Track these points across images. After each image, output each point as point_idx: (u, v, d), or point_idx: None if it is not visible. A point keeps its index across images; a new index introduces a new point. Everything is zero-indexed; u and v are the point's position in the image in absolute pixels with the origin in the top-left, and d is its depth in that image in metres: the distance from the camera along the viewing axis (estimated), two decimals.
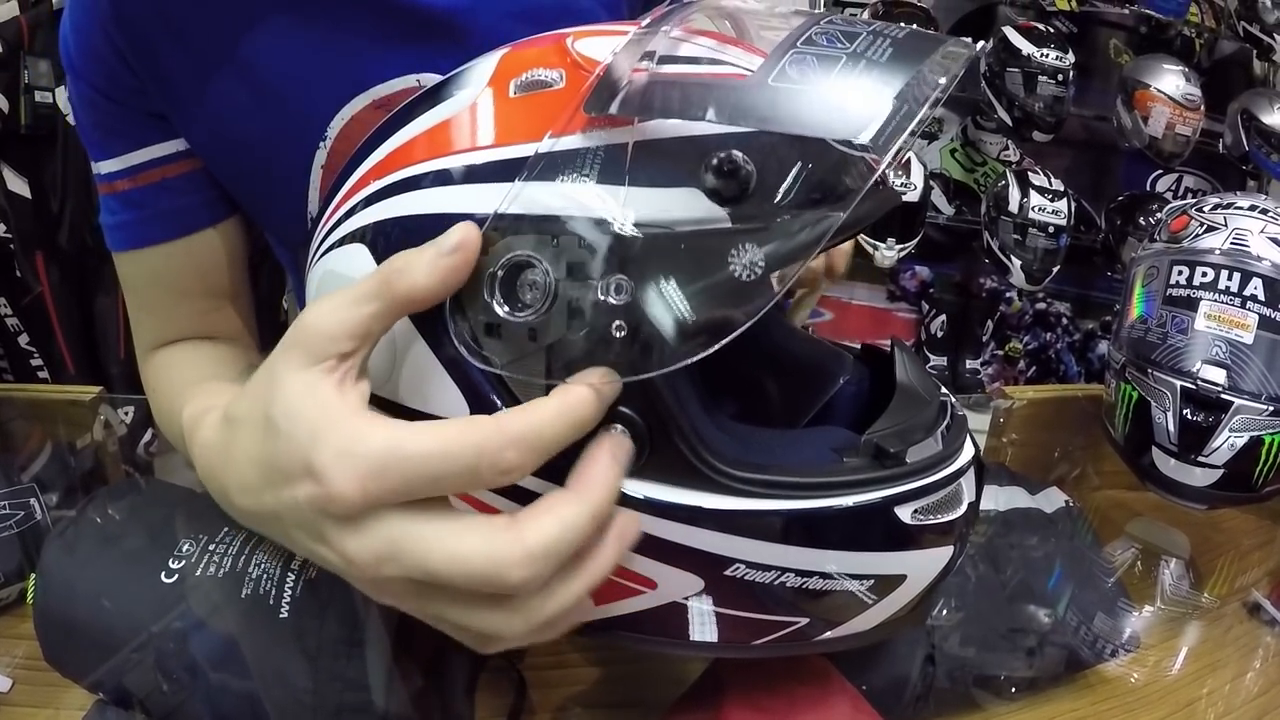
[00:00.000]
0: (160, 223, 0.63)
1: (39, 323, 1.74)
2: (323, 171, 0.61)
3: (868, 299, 2.47)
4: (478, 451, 0.33)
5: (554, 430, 0.35)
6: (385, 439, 0.34)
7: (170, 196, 0.63)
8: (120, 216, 0.64)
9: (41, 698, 0.59)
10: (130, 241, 0.64)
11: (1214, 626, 0.80)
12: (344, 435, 0.34)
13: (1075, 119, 2.19)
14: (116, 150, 0.62)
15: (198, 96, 0.59)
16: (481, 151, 0.39)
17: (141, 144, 0.62)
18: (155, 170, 0.62)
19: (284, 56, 0.58)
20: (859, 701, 0.52)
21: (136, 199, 0.63)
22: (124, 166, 0.62)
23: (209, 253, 0.66)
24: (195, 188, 0.63)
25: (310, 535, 0.36)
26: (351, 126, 0.59)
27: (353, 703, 0.49)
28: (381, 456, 0.33)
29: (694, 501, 0.39)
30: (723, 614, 0.42)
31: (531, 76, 0.39)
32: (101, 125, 0.62)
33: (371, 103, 0.59)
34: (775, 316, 0.56)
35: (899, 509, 0.41)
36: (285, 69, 0.58)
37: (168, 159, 0.62)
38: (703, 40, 0.40)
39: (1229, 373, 0.80)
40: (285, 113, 0.59)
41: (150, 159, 0.62)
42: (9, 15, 1.63)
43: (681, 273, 0.35)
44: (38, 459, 0.83)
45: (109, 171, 0.63)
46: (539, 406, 0.35)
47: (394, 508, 0.34)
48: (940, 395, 0.49)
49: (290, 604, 0.51)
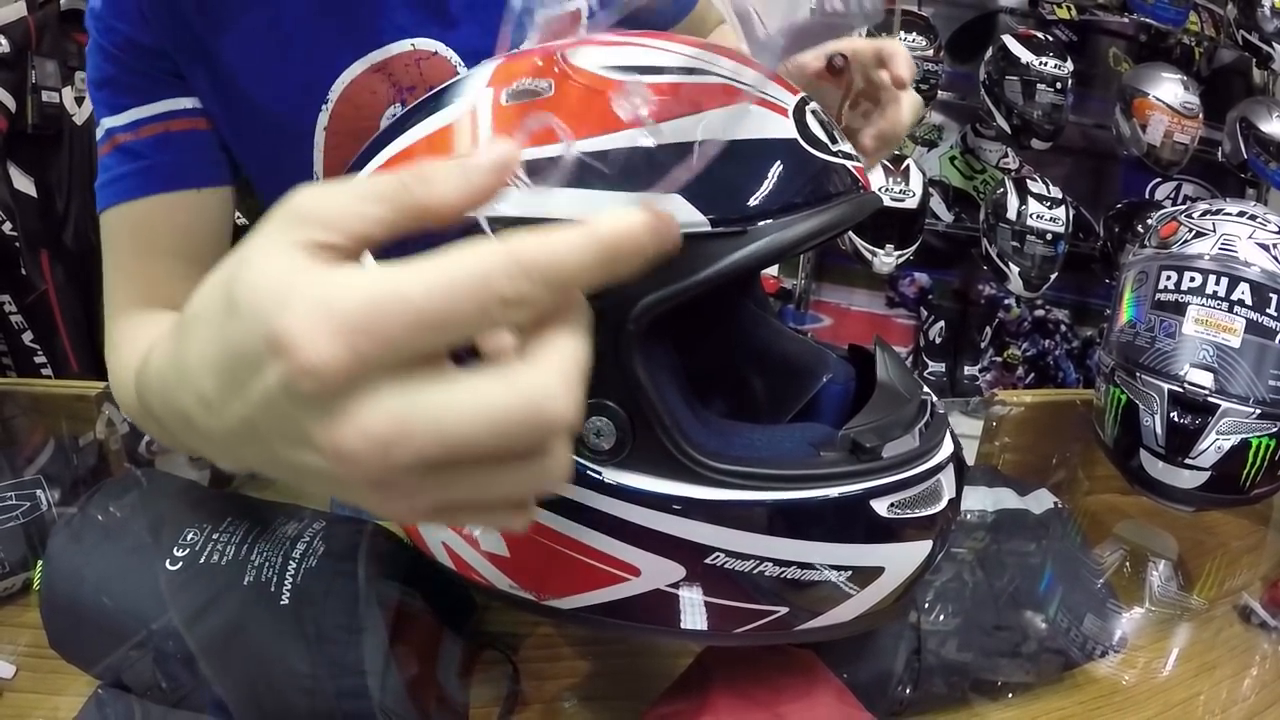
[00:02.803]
0: (155, 174, 0.64)
1: (43, 321, 1.75)
2: (325, 134, 0.63)
3: (866, 305, 2.47)
4: (484, 280, 0.26)
5: (577, 258, 0.27)
6: (369, 284, 0.26)
7: (170, 150, 0.64)
8: (115, 172, 0.64)
9: (45, 685, 0.60)
10: (121, 194, 0.64)
11: (1203, 628, 0.80)
12: (317, 289, 0.26)
13: (1074, 127, 2.19)
14: (124, 105, 0.63)
15: (212, 56, 0.61)
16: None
17: (151, 98, 0.63)
18: (159, 124, 0.63)
19: (290, 19, 0.61)
20: (843, 692, 0.53)
21: (135, 150, 0.63)
22: (128, 121, 0.63)
23: (195, 215, 0.66)
24: (196, 147, 0.64)
25: (290, 438, 0.28)
26: (352, 89, 0.62)
27: (350, 687, 0.50)
28: (367, 302, 0.26)
29: (675, 491, 0.40)
30: (705, 602, 0.43)
31: (523, 86, 0.41)
32: (115, 81, 0.63)
33: (370, 66, 0.62)
34: (761, 316, 0.57)
35: (875, 502, 0.43)
36: (291, 31, 0.61)
37: (174, 114, 0.63)
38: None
39: (1216, 376, 0.81)
40: (290, 74, 0.62)
41: (157, 113, 0.63)
42: (17, 15, 1.65)
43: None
44: (41, 454, 0.84)
45: (112, 127, 0.63)
46: (560, 233, 0.28)
47: (388, 375, 0.26)
48: (921, 394, 0.50)
49: (290, 591, 0.52)
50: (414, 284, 0.26)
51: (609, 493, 0.40)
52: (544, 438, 0.28)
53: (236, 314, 0.28)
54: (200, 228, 0.66)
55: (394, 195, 0.29)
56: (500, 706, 0.59)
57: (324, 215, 0.29)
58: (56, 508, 0.72)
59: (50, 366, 1.77)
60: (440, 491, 0.28)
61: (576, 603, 0.45)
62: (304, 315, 0.26)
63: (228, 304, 0.28)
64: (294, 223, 0.29)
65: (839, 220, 0.39)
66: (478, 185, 0.29)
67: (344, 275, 0.27)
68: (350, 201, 0.29)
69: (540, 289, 0.27)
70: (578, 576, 0.43)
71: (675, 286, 0.37)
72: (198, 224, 0.66)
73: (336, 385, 0.26)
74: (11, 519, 0.69)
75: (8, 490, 0.70)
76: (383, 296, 0.26)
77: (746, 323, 0.56)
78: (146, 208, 0.64)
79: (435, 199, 0.29)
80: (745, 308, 0.57)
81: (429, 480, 0.27)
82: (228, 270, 0.29)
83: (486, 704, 0.60)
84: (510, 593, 0.48)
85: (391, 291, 0.26)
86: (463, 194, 0.29)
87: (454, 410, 0.26)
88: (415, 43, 0.63)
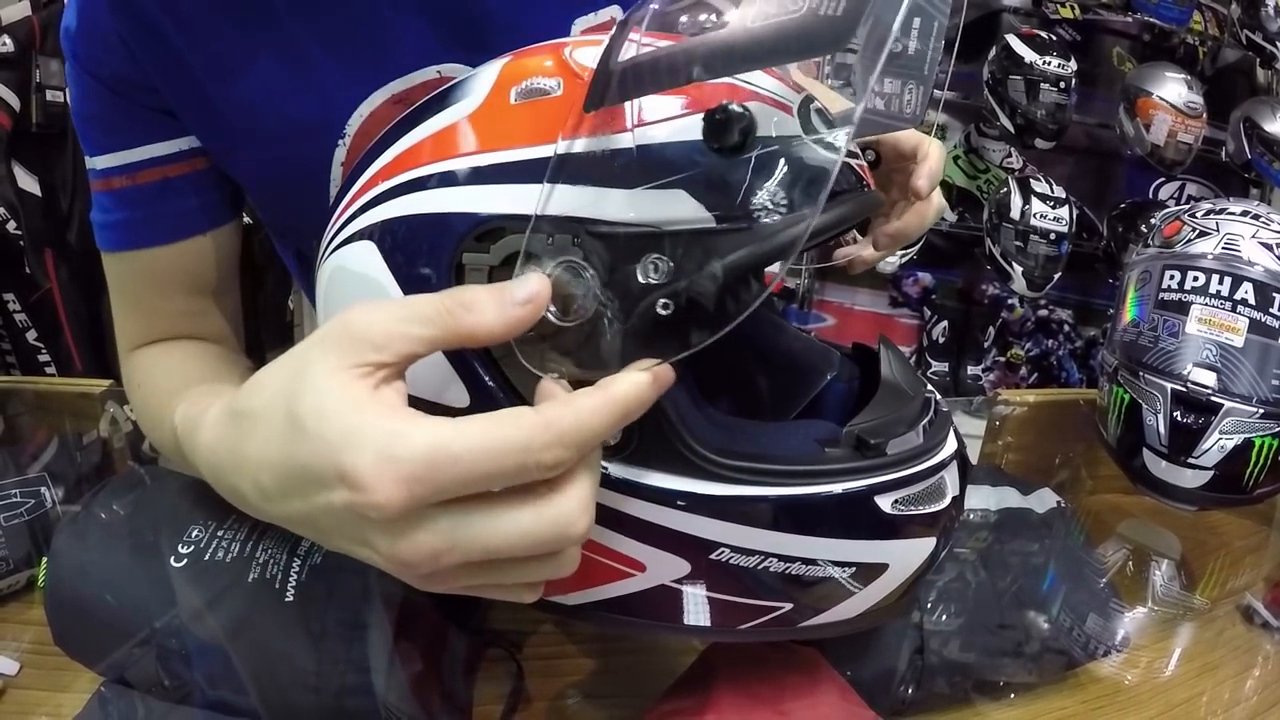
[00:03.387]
0: (160, 225, 0.61)
1: (47, 320, 1.76)
2: (343, 169, 0.59)
3: (870, 305, 2.47)
4: (524, 449, 0.32)
5: (602, 423, 0.34)
6: (428, 440, 0.32)
7: (173, 198, 0.61)
8: (115, 215, 0.61)
9: (48, 681, 0.60)
10: (126, 242, 0.62)
11: (1206, 628, 0.80)
12: (382, 436, 0.32)
13: (1078, 126, 2.19)
14: (114, 145, 0.59)
15: (210, 92, 0.57)
16: (484, 155, 0.40)
17: (142, 141, 0.59)
18: (156, 169, 0.60)
19: (300, 49, 0.56)
20: (846, 690, 0.53)
21: (134, 198, 0.60)
22: (121, 163, 0.59)
23: (203, 256, 0.64)
24: (197, 189, 0.61)
25: (351, 538, 0.34)
26: (370, 122, 0.58)
27: (354, 684, 0.50)
28: (425, 459, 0.31)
29: (680, 487, 0.41)
30: (710, 598, 0.43)
31: (531, 85, 0.41)
32: (100, 118, 0.59)
33: (391, 98, 0.58)
34: (766, 314, 0.57)
35: (879, 499, 0.43)
36: (301, 62, 0.56)
37: (170, 158, 0.60)
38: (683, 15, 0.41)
39: (1219, 375, 0.81)
40: (303, 108, 0.57)
41: (150, 157, 0.59)
42: (21, 15, 1.66)
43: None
44: (45, 452, 0.84)
45: (105, 168, 0.60)
46: (585, 400, 0.34)
47: (441, 506, 0.33)
48: (925, 391, 0.50)
49: (295, 588, 0.52)
50: (465, 447, 0.32)
51: (614, 488, 0.40)
52: (564, 547, 0.34)
53: (303, 435, 0.33)
54: (209, 267, 0.65)
55: (440, 322, 0.34)
56: (504, 704, 0.60)
57: (376, 339, 0.34)
58: (61, 505, 0.72)
59: (54, 365, 1.78)
60: (477, 579, 0.35)
61: (580, 599, 0.45)
62: (372, 462, 0.31)
63: (291, 422, 0.33)
64: (348, 345, 0.34)
65: (842, 218, 0.39)
66: (513, 318, 0.35)
67: (405, 424, 0.32)
68: (400, 326, 0.34)
69: (572, 452, 0.33)
70: (582, 572, 0.43)
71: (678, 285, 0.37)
72: (206, 264, 0.65)
73: (399, 516, 0.32)
74: (16, 516, 0.69)
75: (12, 488, 0.71)
76: (438, 456, 0.31)
77: (750, 321, 0.56)
78: (149, 257, 0.62)
79: (477, 328, 0.34)
80: None
81: (468, 571, 0.34)
82: (287, 381, 0.35)
83: (490, 701, 0.60)
84: None
85: (445, 452, 0.31)
86: (500, 325, 0.34)
87: (495, 533, 0.33)
88: (442, 69, 0.58)
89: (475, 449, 0.32)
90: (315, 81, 0.57)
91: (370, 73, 0.58)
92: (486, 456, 0.32)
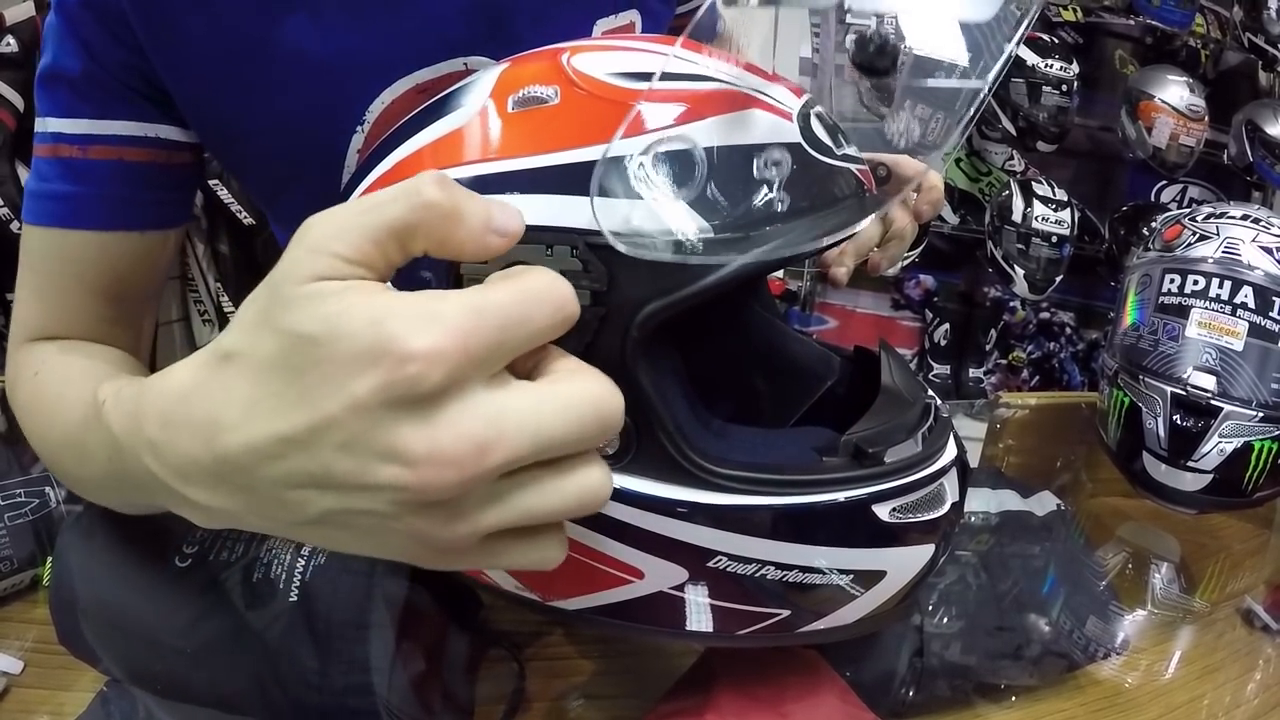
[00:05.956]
0: (98, 208, 0.57)
1: None
2: (359, 155, 0.58)
3: (872, 307, 2.47)
4: (550, 286, 0.30)
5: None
6: (459, 297, 0.29)
7: (121, 183, 0.57)
8: (54, 185, 0.56)
9: (52, 680, 0.60)
10: (57, 217, 0.57)
11: (1206, 631, 0.80)
12: (415, 303, 0.28)
13: (1080, 129, 2.19)
14: (79, 111, 0.55)
15: (220, 74, 0.55)
16: (481, 165, 0.40)
17: (110, 115, 0.55)
18: (113, 148, 0.56)
19: (324, 36, 0.55)
20: (846, 692, 0.53)
21: (80, 170, 0.56)
22: (79, 132, 0.55)
23: (135, 259, 0.59)
24: (149, 184, 0.58)
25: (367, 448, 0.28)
26: (391, 110, 0.56)
27: (358, 684, 0.51)
28: (468, 312, 0.28)
29: (678, 495, 0.41)
30: (708, 604, 0.44)
31: (528, 93, 0.41)
32: (72, 82, 0.55)
33: (414, 86, 0.57)
34: (767, 318, 0.58)
35: (877, 507, 0.43)
36: (324, 49, 0.55)
37: (131, 140, 0.56)
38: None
39: (1219, 379, 0.81)
40: (323, 95, 0.56)
41: (111, 134, 0.56)
42: (25, 15, 1.66)
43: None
44: None
45: (58, 131, 0.55)
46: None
47: (480, 385, 0.29)
48: (925, 398, 0.51)
49: (300, 588, 0.52)
50: (498, 294, 0.29)
51: (613, 497, 0.40)
52: (606, 434, 0.31)
53: (314, 344, 0.28)
54: (134, 272, 0.60)
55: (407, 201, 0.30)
56: (505, 704, 0.60)
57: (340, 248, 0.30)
58: (65, 504, 0.72)
59: None
60: (503, 507, 0.30)
61: (581, 604, 0.45)
62: (411, 321, 0.27)
63: (295, 342, 0.28)
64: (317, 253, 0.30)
65: (843, 224, 0.40)
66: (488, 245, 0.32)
67: (430, 294, 0.29)
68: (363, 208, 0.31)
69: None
70: (582, 578, 0.43)
71: (678, 294, 0.37)
72: (133, 267, 0.59)
73: (446, 383, 0.27)
74: (20, 516, 0.69)
75: (16, 487, 0.71)
76: (478, 302, 0.29)
77: (752, 325, 0.57)
78: (81, 240, 0.57)
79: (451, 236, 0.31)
80: (751, 310, 0.58)
81: (498, 488, 0.30)
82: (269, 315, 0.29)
83: (492, 702, 0.60)
84: (515, 593, 0.48)
85: (480, 302, 0.29)
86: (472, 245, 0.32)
87: (541, 410, 0.29)
88: (469, 62, 0.57)
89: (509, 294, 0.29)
90: (337, 69, 0.56)
91: (394, 61, 0.56)
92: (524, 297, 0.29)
